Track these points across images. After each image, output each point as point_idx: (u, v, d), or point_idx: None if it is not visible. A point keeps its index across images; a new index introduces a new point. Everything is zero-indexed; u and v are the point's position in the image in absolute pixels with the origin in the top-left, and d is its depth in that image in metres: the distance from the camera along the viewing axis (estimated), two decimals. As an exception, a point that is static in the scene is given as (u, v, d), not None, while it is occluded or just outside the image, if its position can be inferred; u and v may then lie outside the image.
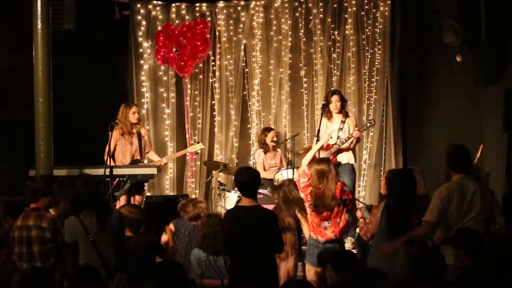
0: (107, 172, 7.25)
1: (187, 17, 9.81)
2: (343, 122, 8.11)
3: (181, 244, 6.08)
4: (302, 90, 9.79)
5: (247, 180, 5.18)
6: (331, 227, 6.08)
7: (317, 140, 7.90)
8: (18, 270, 5.21)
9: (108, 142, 7.74)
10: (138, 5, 9.76)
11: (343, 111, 8.21)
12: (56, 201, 5.94)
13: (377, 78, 9.62)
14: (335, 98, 8.18)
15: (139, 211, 5.77)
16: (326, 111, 8.19)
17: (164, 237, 6.10)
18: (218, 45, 9.88)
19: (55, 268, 5.24)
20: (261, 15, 9.81)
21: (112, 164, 7.82)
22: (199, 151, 9.09)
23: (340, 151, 8.06)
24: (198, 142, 9.18)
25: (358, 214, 6.30)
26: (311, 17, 9.68)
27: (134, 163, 8.20)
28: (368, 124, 8.19)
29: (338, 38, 9.67)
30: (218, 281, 5.62)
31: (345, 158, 8.09)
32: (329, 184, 6.02)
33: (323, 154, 7.73)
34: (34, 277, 4.18)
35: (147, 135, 8.59)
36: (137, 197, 8.19)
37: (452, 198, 5.24)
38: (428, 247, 4.38)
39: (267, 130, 9.13)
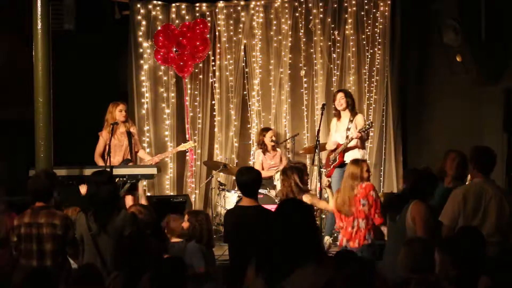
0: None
1: (187, 17, 9.81)
2: (351, 121, 8.15)
3: None
4: (302, 90, 9.79)
5: (249, 180, 5.19)
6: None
7: (317, 141, 7.92)
8: (20, 268, 5.20)
9: (107, 143, 7.73)
10: (138, 5, 9.76)
11: (351, 109, 8.20)
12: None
13: (377, 78, 9.63)
14: (339, 96, 8.26)
15: (148, 212, 5.71)
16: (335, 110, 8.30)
17: None
18: (218, 45, 9.88)
19: (63, 266, 5.25)
20: (261, 15, 9.81)
21: (102, 164, 7.79)
22: (197, 150, 9.08)
23: (347, 150, 8.09)
24: (188, 141, 9.19)
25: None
26: (311, 17, 9.69)
27: (124, 162, 8.17)
28: (367, 126, 8.17)
29: (338, 38, 9.68)
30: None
31: (351, 157, 8.09)
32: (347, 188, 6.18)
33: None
34: (37, 276, 4.18)
35: (137, 134, 8.56)
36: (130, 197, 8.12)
37: (467, 200, 5.20)
38: (429, 245, 4.38)
39: (265, 130, 9.13)
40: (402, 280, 4.14)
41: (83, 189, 6.67)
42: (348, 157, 8.01)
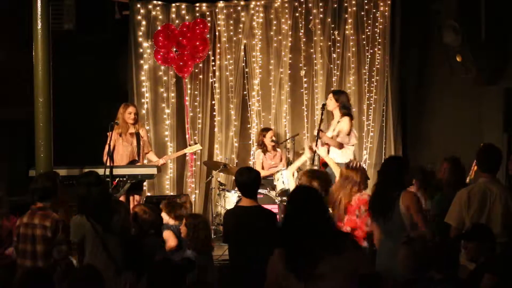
0: (107, 172, 7.24)
1: (187, 17, 9.81)
2: (338, 122, 8.09)
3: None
4: (302, 90, 9.79)
5: (248, 180, 5.19)
6: None
7: (317, 141, 7.90)
8: (19, 269, 5.21)
9: (108, 143, 7.74)
10: (138, 5, 9.75)
11: (340, 109, 8.08)
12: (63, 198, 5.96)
13: (377, 78, 9.63)
14: (328, 97, 8.21)
15: (153, 213, 5.68)
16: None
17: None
18: (218, 45, 9.87)
19: (55, 268, 5.25)
20: (261, 15, 9.81)
21: (109, 163, 7.80)
22: (198, 151, 9.07)
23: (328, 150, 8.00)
24: (196, 143, 9.17)
25: None
26: (311, 17, 9.69)
27: (131, 163, 8.19)
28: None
29: (338, 38, 9.68)
30: None
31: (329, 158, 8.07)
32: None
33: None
34: (34, 277, 4.18)
35: (146, 135, 8.57)
36: (137, 197, 8.18)
37: (472, 200, 5.16)
38: (429, 244, 4.37)
39: (265, 130, 9.14)
40: (405, 281, 4.14)
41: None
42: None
